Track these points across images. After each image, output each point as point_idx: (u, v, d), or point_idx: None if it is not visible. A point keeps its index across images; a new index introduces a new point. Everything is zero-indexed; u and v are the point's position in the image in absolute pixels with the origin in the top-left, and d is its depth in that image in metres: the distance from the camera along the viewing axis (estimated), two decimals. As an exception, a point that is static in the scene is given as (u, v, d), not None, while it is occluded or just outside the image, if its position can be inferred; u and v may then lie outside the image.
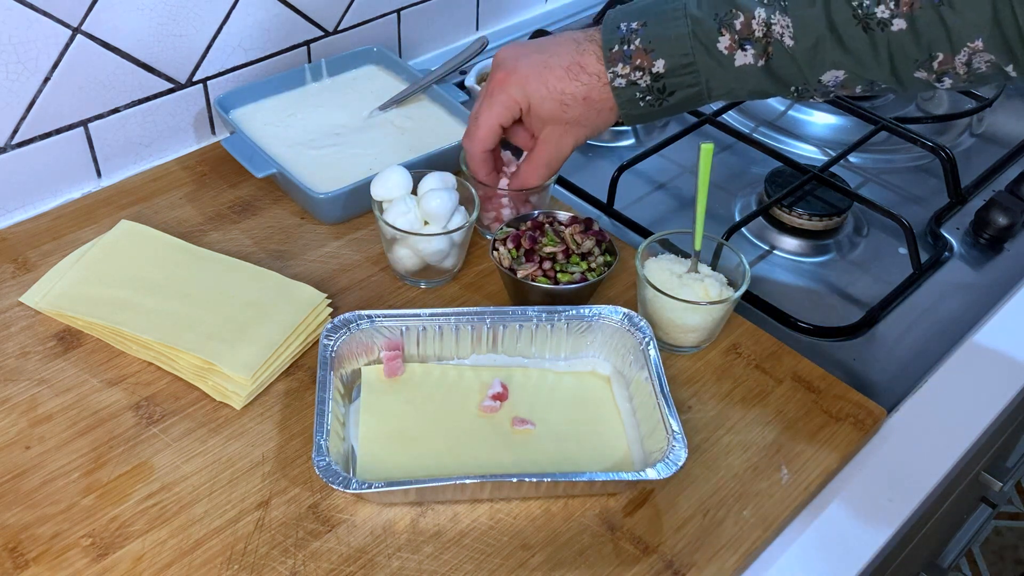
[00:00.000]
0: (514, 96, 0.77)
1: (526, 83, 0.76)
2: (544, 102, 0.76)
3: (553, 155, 0.80)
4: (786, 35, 0.70)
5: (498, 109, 0.78)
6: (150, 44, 0.91)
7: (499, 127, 0.79)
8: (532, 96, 0.76)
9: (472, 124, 0.80)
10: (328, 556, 0.64)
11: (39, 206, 0.91)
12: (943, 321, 0.87)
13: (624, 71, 0.73)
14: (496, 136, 0.80)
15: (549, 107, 0.76)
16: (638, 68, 0.73)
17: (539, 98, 0.76)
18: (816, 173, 0.97)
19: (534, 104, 0.76)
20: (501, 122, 0.78)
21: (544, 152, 0.80)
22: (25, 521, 0.65)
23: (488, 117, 0.78)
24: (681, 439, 0.67)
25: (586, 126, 0.78)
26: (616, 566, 0.65)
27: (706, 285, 0.77)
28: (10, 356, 0.76)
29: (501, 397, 0.74)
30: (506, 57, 0.78)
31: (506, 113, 0.78)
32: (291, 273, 0.83)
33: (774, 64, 0.71)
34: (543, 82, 0.76)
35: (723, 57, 0.72)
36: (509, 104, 0.77)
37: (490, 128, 0.79)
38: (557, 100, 0.76)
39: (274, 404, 0.74)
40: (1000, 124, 1.14)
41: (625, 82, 0.74)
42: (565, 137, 0.79)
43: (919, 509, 0.73)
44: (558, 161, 0.81)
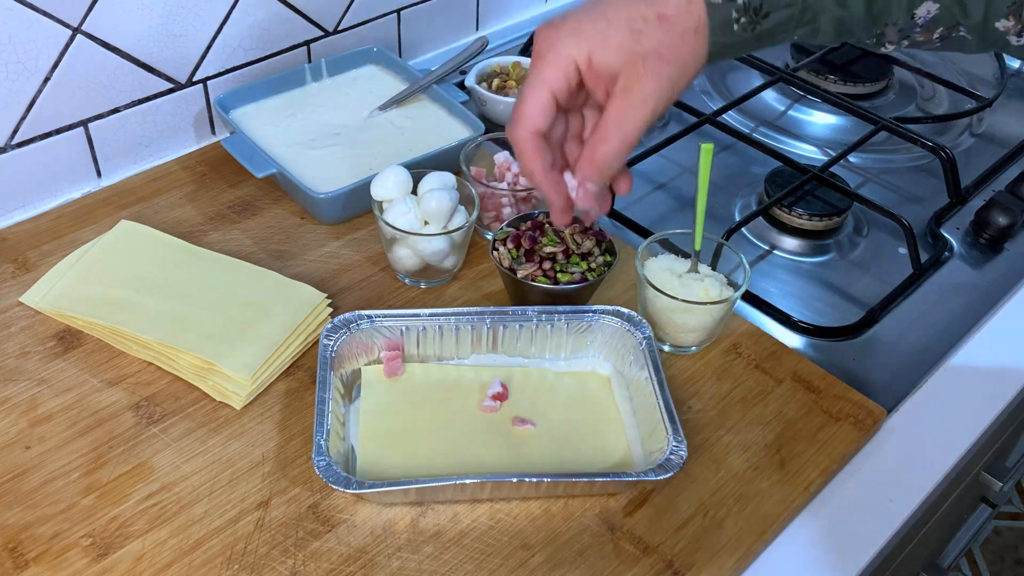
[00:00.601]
0: (566, 50, 0.58)
1: (578, 27, 0.58)
2: (608, 39, 0.57)
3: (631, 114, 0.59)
4: None
5: (547, 72, 0.59)
6: (150, 44, 0.91)
7: (552, 98, 0.59)
8: (590, 37, 0.58)
9: (516, 103, 0.61)
10: (328, 556, 0.64)
11: (39, 206, 0.91)
12: (943, 321, 0.87)
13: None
14: (550, 112, 0.60)
15: (616, 42, 0.57)
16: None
17: (599, 36, 0.58)
18: (816, 173, 0.97)
19: (595, 48, 0.58)
20: (553, 90, 0.59)
21: (617, 110, 0.59)
22: (25, 521, 0.65)
23: (535, 86, 0.59)
24: (681, 439, 0.67)
25: (670, 59, 0.58)
26: (616, 566, 0.65)
27: (706, 285, 0.77)
28: (10, 356, 0.76)
29: (501, 397, 0.74)
30: (548, 24, 0.60)
31: (560, 76, 0.59)
32: (291, 273, 0.83)
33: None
34: (600, 15, 0.58)
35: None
36: (562, 63, 0.58)
37: (538, 100, 0.59)
38: (625, 29, 0.57)
39: (274, 404, 0.74)
40: (1000, 124, 1.14)
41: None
42: (645, 81, 0.58)
43: (919, 509, 0.73)
44: (636, 124, 0.59)
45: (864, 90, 1.16)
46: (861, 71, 1.17)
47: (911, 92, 1.19)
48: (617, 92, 0.59)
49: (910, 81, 1.21)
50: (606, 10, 0.58)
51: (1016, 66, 1.25)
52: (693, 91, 1.17)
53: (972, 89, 1.16)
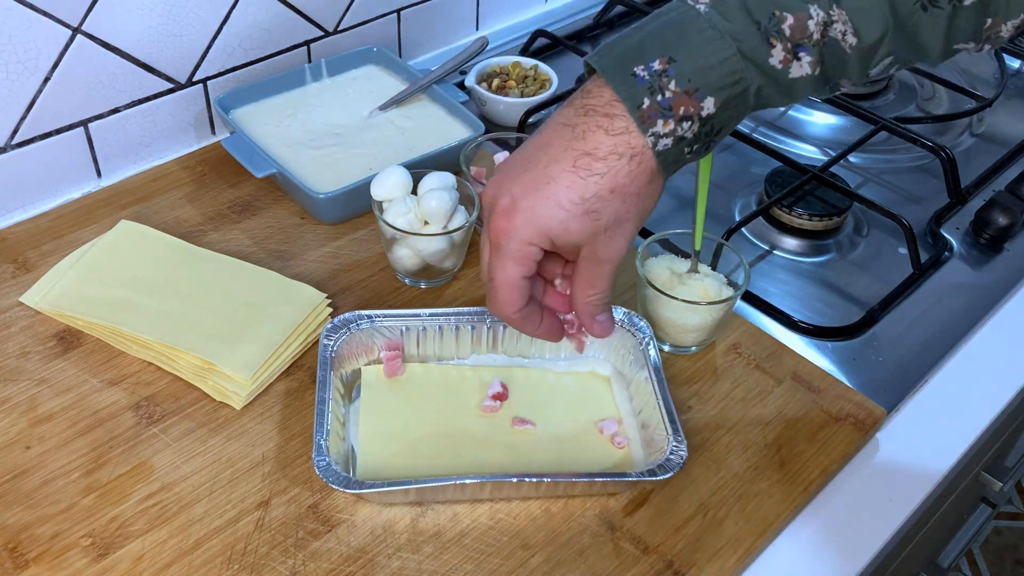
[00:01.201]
0: (526, 238, 0.58)
1: (533, 216, 0.57)
2: (568, 225, 0.57)
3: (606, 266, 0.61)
4: (848, 33, 0.57)
5: (511, 264, 0.59)
6: (150, 44, 0.91)
7: (523, 282, 0.61)
8: (549, 227, 0.58)
9: (489, 287, 0.62)
10: (328, 556, 0.64)
11: (39, 206, 0.91)
12: (943, 321, 0.87)
13: (667, 128, 0.56)
14: (523, 293, 0.61)
15: (577, 227, 0.57)
16: (684, 119, 0.56)
17: (559, 225, 0.57)
18: (816, 173, 0.97)
19: (557, 235, 0.58)
20: (522, 274, 0.60)
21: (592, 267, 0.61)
22: (25, 521, 0.65)
23: (504, 275, 0.60)
24: (681, 439, 0.67)
25: (630, 219, 0.59)
26: (616, 566, 0.65)
27: (706, 285, 0.77)
28: (10, 356, 0.76)
29: (501, 397, 0.74)
30: (494, 194, 0.59)
31: (524, 264, 0.60)
32: (291, 273, 0.83)
33: (827, 68, 0.58)
34: (554, 202, 0.57)
35: (777, 72, 0.57)
36: (524, 253, 0.59)
37: (512, 286, 0.61)
38: (581, 213, 0.57)
39: (274, 404, 0.74)
40: (1000, 124, 1.14)
41: (671, 141, 0.56)
42: (611, 243, 0.59)
43: (919, 509, 0.73)
44: (613, 270, 0.61)
45: (864, 90, 1.16)
46: (861, 71, 1.17)
47: (911, 92, 1.19)
48: (586, 256, 0.60)
49: (910, 81, 1.21)
50: (558, 195, 0.57)
51: (1016, 66, 1.25)
52: (693, 91, 1.17)
53: (972, 89, 1.16)
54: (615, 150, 0.56)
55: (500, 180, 0.60)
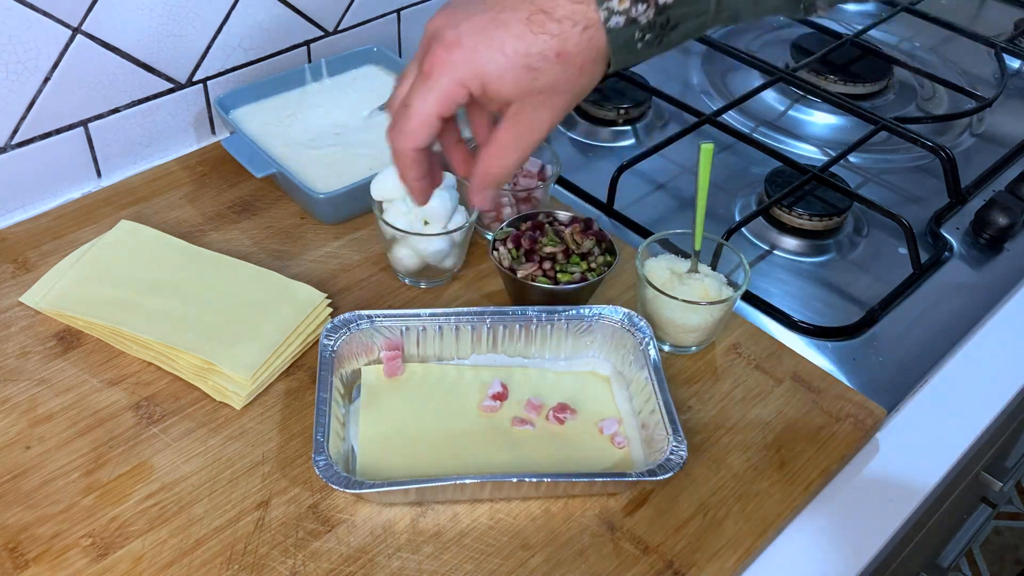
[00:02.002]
0: (459, 76, 0.57)
1: (474, 55, 0.56)
2: (504, 75, 0.56)
3: (524, 136, 0.60)
4: None
5: (435, 96, 0.58)
6: (150, 44, 0.91)
7: (438, 119, 0.59)
8: (485, 71, 0.56)
9: (400, 113, 0.60)
10: (328, 556, 0.64)
11: (39, 206, 0.91)
12: (943, 321, 0.87)
13: (622, 5, 0.55)
14: (434, 132, 0.60)
15: (512, 78, 0.56)
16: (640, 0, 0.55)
17: (496, 71, 0.56)
18: (816, 173, 0.97)
19: (490, 81, 0.57)
20: (441, 113, 0.59)
21: (511, 132, 0.60)
22: (25, 521, 0.65)
23: (423, 105, 0.58)
24: (681, 439, 0.67)
25: (566, 92, 0.58)
26: (616, 566, 0.65)
27: (706, 285, 0.77)
28: (10, 356, 0.76)
29: (501, 397, 0.74)
30: (442, 24, 0.58)
31: (448, 102, 0.58)
32: (291, 273, 0.83)
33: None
34: (497, 47, 0.56)
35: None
36: (451, 90, 0.58)
37: (426, 120, 0.59)
38: (522, 66, 0.56)
39: (274, 404, 0.74)
40: (1000, 124, 1.14)
41: (624, 20, 0.55)
42: (540, 111, 0.58)
43: (919, 509, 0.73)
44: (531, 144, 0.60)
45: (864, 90, 1.16)
46: (861, 71, 1.17)
47: (911, 92, 1.19)
48: (509, 117, 0.59)
49: (910, 81, 1.21)
50: (504, 41, 0.56)
51: (1016, 66, 1.25)
52: (693, 91, 1.17)
53: (972, 89, 1.16)
54: (571, 16, 0.56)
55: (450, 12, 0.58)
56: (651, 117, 1.11)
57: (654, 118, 1.11)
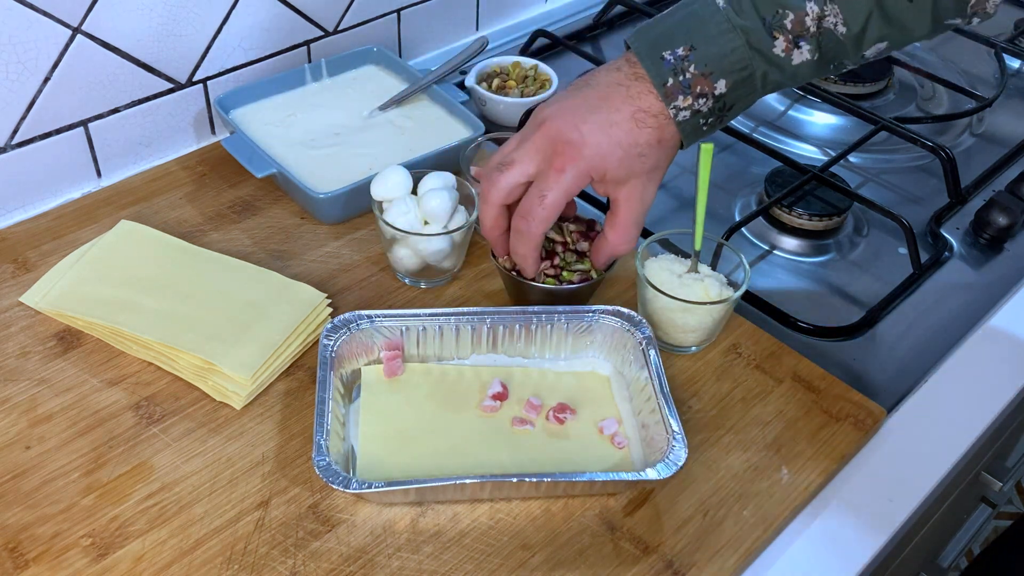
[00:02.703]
0: (586, 168, 0.70)
1: (599, 151, 0.70)
2: (622, 163, 0.70)
3: (640, 212, 0.74)
4: (838, 24, 0.68)
5: (572, 186, 0.71)
6: (150, 44, 0.91)
7: (567, 201, 0.73)
8: (609, 163, 0.70)
9: (536, 203, 0.72)
10: (328, 556, 0.64)
11: (39, 206, 0.91)
12: (943, 321, 0.87)
13: (686, 103, 0.69)
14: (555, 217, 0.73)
15: (627, 165, 0.71)
16: (700, 96, 0.69)
17: (616, 161, 0.70)
18: (816, 173, 0.97)
19: (611, 168, 0.70)
20: (571, 194, 0.72)
21: (631, 212, 0.74)
22: (25, 521, 0.65)
23: (560, 196, 0.71)
24: (681, 439, 0.67)
25: (662, 167, 0.73)
26: (616, 566, 0.65)
27: (706, 285, 0.77)
28: (10, 356, 0.76)
29: (501, 397, 0.74)
30: (564, 125, 0.71)
31: (574, 191, 0.72)
32: (291, 273, 0.83)
33: (824, 53, 0.70)
34: (616, 143, 0.70)
35: (780, 59, 0.69)
36: (584, 179, 0.71)
37: (558, 208, 0.72)
38: (635, 155, 0.70)
39: (274, 404, 0.74)
40: (1000, 124, 1.14)
41: (689, 113, 0.69)
42: (648, 187, 0.73)
43: (919, 509, 0.73)
44: (645, 214, 0.75)
45: (864, 90, 1.16)
46: (861, 71, 1.17)
47: (911, 92, 1.19)
48: (624, 199, 0.73)
49: (910, 81, 1.21)
50: (620, 138, 0.70)
51: (1016, 66, 1.25)
52: (693, 91, 1.17)
53: (972, 89, 1.16)
54: (662, 112, 0.69)
55: (563, 111, 0.71)
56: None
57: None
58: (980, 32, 1.26)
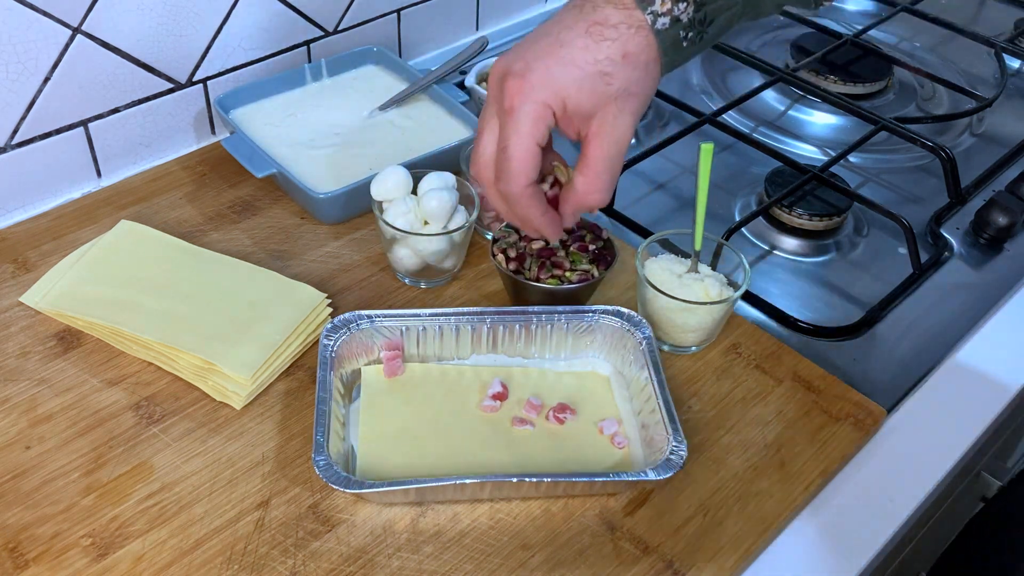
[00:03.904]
0: (542, 98, 0.59)
1: (549, 75, 0.59)
2: (582, 85, 0.59)
3: (612, 150, 0.61)
4: None
5: (527, 126, 0.60)
6: (150, 44, 0.91)
7: (537, 148, 0.61)
8: (564, 86, 0.59)
9: (500, 158, 0.61)
10: (328, 556, 0.64)
11: (39, 206, 0.91)
12: (943, 321, 0.87)
13: (664, 7, 0.58)
14: (538, 162, 0.61)
15: (589, 87, 0.59)
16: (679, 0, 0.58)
17: (573, 83, 0.59)
18: (816, 173, 0.97)
19: (570, 95, 0.59)
20: (538, 140, 0.60)
21: (600, 149, 0.61)
22: (25, 521, 0.65)
23: (519, 139, 0.60)
24: (681, 439, 0.67)
25: (638, 93, 0.60)
26: (616, 566, 0.65)
27: (706, 285, 0.77)
28: (10, 356, 0.76)
29: (501, 397, 0.74)
30: (509, 61, 0.61)
31: (540, 126, 0.60)
32: (291, 273, 0.83)
33: None
34: (568, 62, 0.58)
35: None
36: (540, 113, 0.59)
37: (527, 152, 0.60)
38: (595, 73, 0.58)
39: (274, 404, 0.74)
40: (1000, 124, 1.14)
41: (669, 20, 0.59)
42: (621, 118, 0.60)
43: (919, 509, 0.73)
44: (620, 154, 0.62)
45: (864, 90, 1.16)
46: (861, 71, 1.17)
47: (911, 92, 1.19)
48: (593, 134, 0.61)
49: (910, 81, 1.21)
50: (572, 56, 0.59)
51: (1016, 66, 1.25)
52: (693, 91, 1.17)
53: (972, 89, 1.16)
54: (625, 20, 0.59)
55: (511, 52, 0.61)
56: (651, 117, 1.11)
57: (654, 118, 1.11)
58: (980, 32, 1.26)
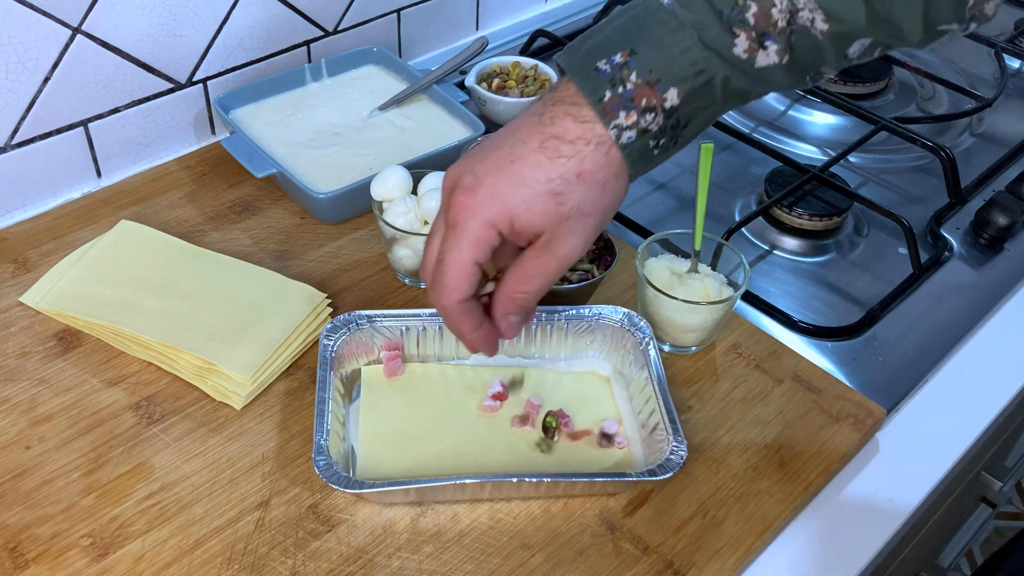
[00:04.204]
0: (487, 217, 0.56)
1: (495, 192, 0.55)
2: (531, 205, 0.55)
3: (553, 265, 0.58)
4: (818, 20, 0.55)
5: (467, 242, 0.56)
6: (150, 44, 0.91)
7: (474, 267, 0.57)
8: (511, 205, 0.55)
9: (436, 270, 0.58)
10: (328, 556, 0.64)
11: (39, 206, 0.91)
12: (943, 321, 0.87)
13: (630, 120, 0.54)
14: (474, 280, 0.58)
15: (539, 207, 0.55)
16: (647, 110, 0.54)
17: (521, 203, 0.55)
18: (816, 173, 0.97)
19: (518, 215, 0.55)
20: (476, 258, 0.57)
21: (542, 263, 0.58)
22: (25, 521, 0.65)
23: (457, 255, 0.57)
24: (681, 439, 0.67)
25: (593, 212, 0.56)
26: (616, 566, 0.65)
27: (706, 285, 0.77)
28: (10, 356, 0.76)
29: (501, 397, 0.74)
30: (460, 172, 0.57)
31: (481, 246, 0.56)
32: (291, 273, 0.83)
33: (797, 55, 0.56)
34: (517, 179, 0.55)
35: (742, 62, 0.55)
36: (482, 233, 0.56)
37: (463, 270, 0.57)
38: (546, 193, 0.55)
39: (274, 404, 0.74)
40: (1000, 124, 1.14)
41: (635, 134, 0.55)
42: (570, 238, 0.57)
43: (919, 509, 0.73)
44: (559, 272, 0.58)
45: (864, 90, 1.16)
46: (861, 71, 1.17)
47: (911, 92, 1.19)
48: (540, 246, 0.57)
49: (910, 81, 1.21)
50: (523, 173, 0.55)
51: (1016, 66, 1.25)
52: (693, 91, 1.17)
53: (972, 89, 1.16)
54: (583, 136, 0.55)
55: (463, 162, 0.58)
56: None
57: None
58: (980, 32, 1.26)
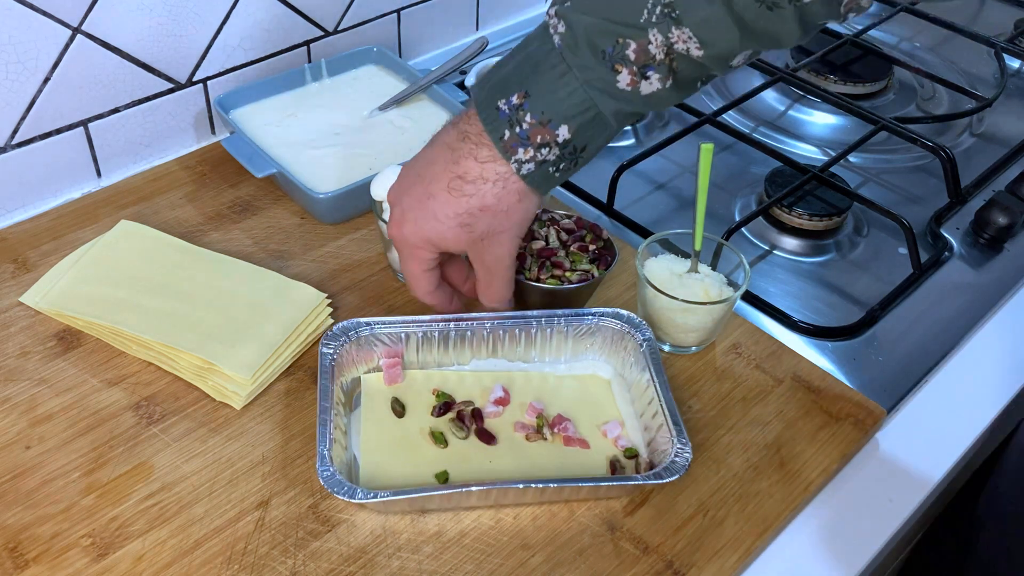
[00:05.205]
0: (415, 243, 0.69)
1: (417, 227, 0.68)
2: (445, 234, 0.67)
3: (494, 270, 0.71)
4: (692, 47, 0.60)
5: (411, 260, 0.71)
6: (150, 44, 0.91)
7: (431, 273, 0.72)
8: (430, 236, 0.68)
9: (408, 277, 0.73)
10: (328, 556, 0.64)
11: (39, 206, 0.91)
12: (943, 321, 0.87)
13: (527, 155, 0.64)
14: (432, 278, 0.72)
15: (453, 236, 0.67)
16: (543, 145, 0.63)
17: (437, 234, 0.67)
18: (816, 173, 0.97)
19: (438, 242, 0.68)
20: (423, 269, 0.71)
21: (484, 269, 0.71)
22: (25, 521, 0.65)
23: (410, 271, 0.72)
24: (685, 441, 0.67)
25: (504, 230, 0.68)
26: (616, 566, 0.65)
27: (706, 285, 0.77)
28: (10, 356, 0.76)
29: (503, 402, 0.74)
30: (393, 200, 0.71)
31: (422, 262, 0.71)
32: (291, 273, 0.83)
33: (680, 78, 0.62)
34: (431, 216, 0.67)
35: (628, 93, 0.62)
36: (417, 256, 0.70)
37: (418, 279, 0.72)
38: (456, 225, 0.67)
39: (274, 404, 0.74)
40: (1000, 124, 1.14)
41: (534, 165, 0.64)
42: (492, 249, 0.69)
43: (919, 509, 0.73)
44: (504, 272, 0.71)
45: (864, 90, 1.16)
46: (861, 71, 1.17)
47: (911, 92, 1.19)
48: (475, 260, 0.71)
49: (910, 81, 1.21)
50: (435, 209, 0.67)
51: (1016, 66, 1.25)
52: (693, 91, 1.17)
53: (972, 89, 1.16)
54: (482, 175, 0.65)
55: (396, 189, 0.71)
56: (651, 117, 1.11)
57: (654, 118, 1.11)
58: (980, 32, 1.26)
